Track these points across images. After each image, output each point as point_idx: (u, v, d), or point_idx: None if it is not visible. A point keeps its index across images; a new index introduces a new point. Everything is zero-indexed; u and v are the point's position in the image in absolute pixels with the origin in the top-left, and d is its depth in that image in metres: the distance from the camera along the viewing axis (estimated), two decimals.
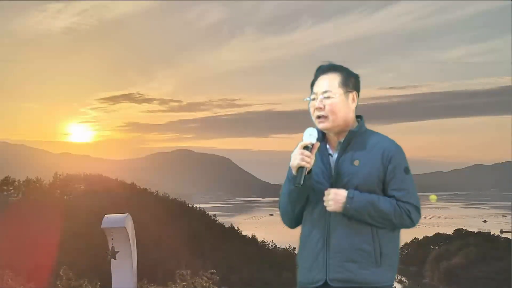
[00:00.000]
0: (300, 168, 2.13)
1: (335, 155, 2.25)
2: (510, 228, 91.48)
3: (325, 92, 2.23)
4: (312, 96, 2.27)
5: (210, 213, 65.40)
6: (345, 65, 2.31)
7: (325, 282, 2.17)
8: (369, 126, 2.32)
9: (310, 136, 2.18)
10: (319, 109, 2.22)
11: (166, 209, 50.56)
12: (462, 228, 76.50)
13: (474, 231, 74.67)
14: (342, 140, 2.25)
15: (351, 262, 2.14)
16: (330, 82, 2.24)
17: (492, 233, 75.63)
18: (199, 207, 65.06)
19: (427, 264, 64.82)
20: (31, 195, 41.55)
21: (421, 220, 2.30)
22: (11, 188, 43.52)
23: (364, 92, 2.31)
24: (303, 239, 2.28)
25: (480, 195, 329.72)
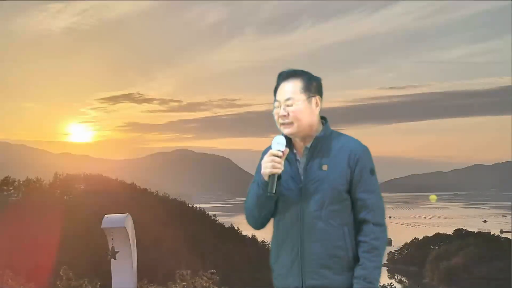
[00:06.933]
0: (272, 176, 2.17)
1: (303, 161, 2.27)
2: (510, 228, 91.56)
3: (288, 99, 2.24)
4: (276, 104, 2.28)
5: (210, 213, 65.43)
6: (307, 70, 2.30)
7: None
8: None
9: (278, 144, 2.21)
10: (283, 116, 2.24)
11: (166, 209, 50.60)
12: (462, 228, 76.53)
13: (474, 231, 74.70)
14: (308, 145, 2.27)
15: (325, 268, 2.18)
16: (292, 89, 2.24)
17: (492, 233, 75.70)
18: (199, 207, 65.14)
19: (427, 264, 64.81)
20: (31, 195, 41.57)
21: (421, 220, 2.31)
22: (11, 188, 43.59)
23: (364, 92, 2.32)
24: (277, 246, 2.34)
25: (480, 195, 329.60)
